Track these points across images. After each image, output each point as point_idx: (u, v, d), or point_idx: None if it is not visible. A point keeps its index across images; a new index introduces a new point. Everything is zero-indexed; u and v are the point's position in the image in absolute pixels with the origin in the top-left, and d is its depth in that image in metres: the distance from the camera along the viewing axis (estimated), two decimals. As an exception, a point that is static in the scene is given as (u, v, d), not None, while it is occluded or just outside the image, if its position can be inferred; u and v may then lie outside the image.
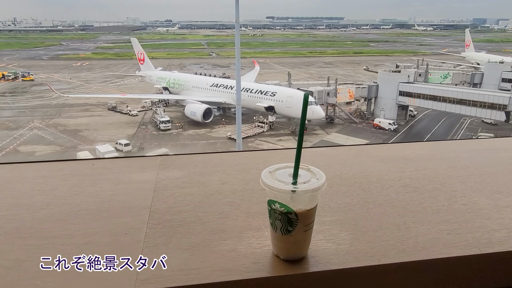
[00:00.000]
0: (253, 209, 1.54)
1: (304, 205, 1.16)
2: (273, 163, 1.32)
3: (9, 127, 49.61)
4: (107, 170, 1.90)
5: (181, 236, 1.36)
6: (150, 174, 1.80)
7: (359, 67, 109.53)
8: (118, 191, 1.68)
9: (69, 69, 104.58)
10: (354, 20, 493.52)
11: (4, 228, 1.40)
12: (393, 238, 1.34)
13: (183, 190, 1.68)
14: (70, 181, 1.77)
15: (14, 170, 1.94)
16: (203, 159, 2.08)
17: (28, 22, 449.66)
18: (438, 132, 49.94)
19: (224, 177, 1.80)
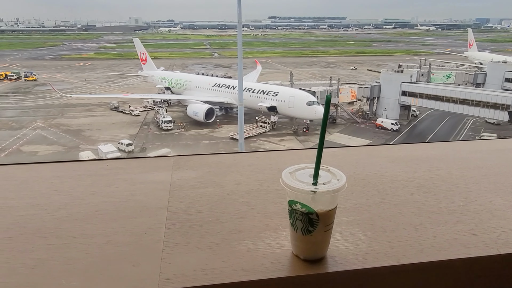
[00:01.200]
0: (270, 209, 1.54)
1: (325, 206, 1.17)
2: (285, 164, 1.31)
3: (12, 127, 49.77)
4: (122, 171, 1.92)
5: (200, 236, 1.36)
6: (165, 175, 1.81)
7: (362, 67, 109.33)
8: (134, 191, 1.68)
9: (71, 69, 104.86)
10: (357, 20, 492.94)
11: (24, 228, 1.41)
12: (411, 239, 1.35)
13: (199, 191, 1.68)
14: (86, 182, 1.78)
15: (30, 170, 1.95)
16: (216, 159, 2.09)
17: (30, 22, 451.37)
18: (441, 132, 49.79)
19: (238, 177, 1.81)
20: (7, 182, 1.80)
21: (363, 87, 55.37)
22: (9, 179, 1.83)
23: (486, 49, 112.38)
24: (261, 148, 42.38)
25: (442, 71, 66.90)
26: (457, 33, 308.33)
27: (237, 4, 29.42)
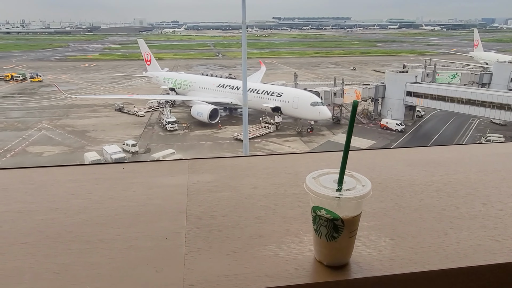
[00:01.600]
0: (289, 213, 1.53)
1: (350, 212, 1.16)
2: (300, 167, 1.32)
3: (18, 128, 50.11)
4: (138, 174, 1.92)
5: (221, 241, 1.35)
6: (181, 178, 1.82)
7: (367, 68, 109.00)
8: (151, 195, 1.69)
9: (76, 70, 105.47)
10: (361, 20, 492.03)
11: (45, 232, 1.41)
12: (434, 244, 1.33)
13: (216, 195, 1.68)
14: (103, 185, 1.79)
15: (47, 173, 1.97)
16: (231, 163, 2.08)
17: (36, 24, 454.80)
18: (446, 133, 49.49)
19: (254, 181, 1.81)
20: (25, 185, 1.80)
21: (368, 88, 55.18)
22: (27, 182, 1.83)
23: (492, 49, 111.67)
24: (266, 149, 42.37)
25: (448, 72, 66.52)
26: (463, 33, 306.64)
27: (241, 5, 29.42)
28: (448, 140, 46.49)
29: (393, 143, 44.99)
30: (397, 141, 45.64)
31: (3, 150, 41.33)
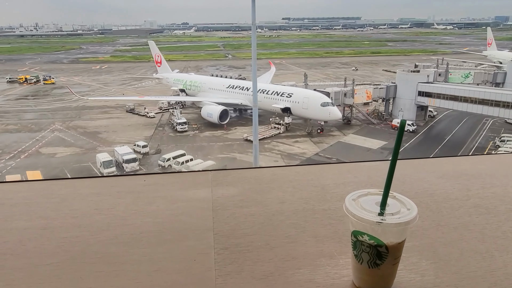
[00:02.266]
0: (320, 232, 1.45)
1: (396, 238, 1.07)
2: (326, 179, 1.30)
3: (32, 129, 50.95)
4: (160, 187, 1.87)
5: (252, 264, 1.28)
6: (205, 191, 1.77)
7: (377, 67, 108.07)
8: (176, 210, 1.64)
9: (88, 72, 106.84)
10: (371, 20, 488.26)
11: (70, 252, 1.36)
12: (480, 269, 1.24)
13: (243, 210, 1.63)
14: (125, 199, 1.75)
15: (69, 186, 1.95)
16: (255, 174, 2.03)
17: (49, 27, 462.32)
18: (459, 133, 48.74)
19: (281, 195, 1.74)
20: (47, 199, 1.77)
21: (379, 88, 54.69)
22: (49, 196, 1.81)
23: (505, 48, 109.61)
24: (276, 150, 42.25)
25: (460, 71, 65.56)
26: (475, 31, 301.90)
27: (251, 6, 29.42)
28: (461, 140, 45.80)
29: (405, 144, 44.48)
30: (409, 142, 45.11)
31: (17, 151, 42.05)
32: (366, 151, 42.38)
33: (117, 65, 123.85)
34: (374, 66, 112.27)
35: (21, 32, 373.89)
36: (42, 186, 1.95)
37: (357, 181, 1.75)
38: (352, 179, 1.51)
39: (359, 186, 1.67)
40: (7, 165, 38.28)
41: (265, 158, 39.39)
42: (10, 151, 42.28)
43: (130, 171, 36.16)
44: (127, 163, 36.26)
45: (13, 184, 1.99)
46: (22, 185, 1.99)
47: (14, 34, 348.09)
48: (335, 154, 41.05)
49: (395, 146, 1.12)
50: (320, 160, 39.55)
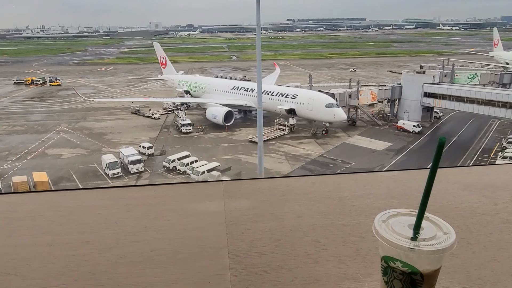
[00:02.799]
0: (341, 251, 1.36)
1: (432, 265, 0.97)
2: (344, 191, 1.24)
3: (38, 131, 51.32)
4: (170, 199, 1.81)
5: (272, 287, 1.20)
6: (217, 204, 1.69)
7: (382, 68, 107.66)
8: (187, 225, 1.57)
9: (94, 74, 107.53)
10: (376, 21, 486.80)
11: (78, 272, 1.29)
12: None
13: (258, 225, 1.54)
14: (134, 212, 1.69)
15: (76, 198, 1.89)
16: (269, 185, 1.94)
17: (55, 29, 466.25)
18: (466, 135, 48.37)
19: (297, 208, 1.66)
20: (54, 212, 1.71)
21: (384, 89, 54.46)
22: (55, 208, 1.75)
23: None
24: (280, 151, 42.19)
25: (466, 72, 65.13)
26: (482, 32, 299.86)
27: (256, 8, 29.41)
28: (467, 142, 45.45)
29: (410, 145, 44.23)
30: (415, 143, 44.85)
31: (24, 153, 42.37)
32: (371, 153, 42.18)
33: (122, 66, 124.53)
34: (379, 67, 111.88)
35: (27, 34, 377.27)
36: (48, 198, 1.89)
37: (376, 192, 1.66)
38: (370, 190, 1.44)
39: (378, 198, 1.58)
40: (14, 166, 38.58)
41: (269, 159, 39.35)
42: (16, 152, 42.61)
43: (135, 172, 36.29)
44: (132, 164, 36.39)
45: (18, 196, 1.93)
46: (28, 196, 1.93)
47: (21, 36, 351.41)
48: (340, 156, 40.91)
49: (433, 166, 1.01)
50: (325, 161, 39.44)
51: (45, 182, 32.87)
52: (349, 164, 38.55)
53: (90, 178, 35.51)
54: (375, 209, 1.23)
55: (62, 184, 34.24)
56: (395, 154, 41.64)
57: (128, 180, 35.16)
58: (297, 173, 36.48)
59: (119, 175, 35.65)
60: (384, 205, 1.53)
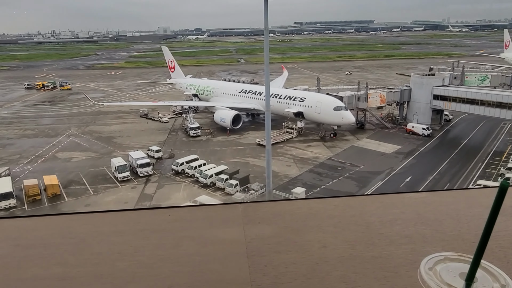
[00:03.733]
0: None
1: None
2: (370, 215, 1.14)
3: (48, 134, 51.94)
4: (187, 224, 1.71)
5: None
6: (236, 230, 1.60)
7: (391, 71, 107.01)
8: (206, 255, 1.47)
9: (103, 78, 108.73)
10: (385, 23, 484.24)
11: None
12: None
13: (281, 256, 1.44)
14: (150, 240, 1.60)
15: (88, 222, 1.81)
16: (289, 208, 1.83)
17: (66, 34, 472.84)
18: (476, 137, 47.73)
19: (321, 236, 1.55)
20: (66, 239, 1.64)
21: (393, 91, 54.05)
22: (67, 235, 1.67)
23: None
24: (288, 154, 42.07)
25: (477, 74, 64.36)
26: (492, 33, 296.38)
27: (263, 11, 29.46)
28: (478, 144, 44.83)
29: (420, 148, 43.78)
30: (424, 146, 44.38)
31: (35, 156, 42.89)
32: (380, 156, 41.84)
33: (131, 70, 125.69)
34: (387, 70, 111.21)
35: (39, 40, 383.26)
36: (60, 222, 1.82)
37: (405, 217, 1.53)
38: (398, 215, 1.33)
39: (407, 224, 1.45)
40: (25, 169, 39.06)
41: (277, 162, 39.26)
42: (28, 155, 43.16)
43: (144, 175, 36.48)
44: (141, 168, 36.59)
45: (30, 220, 1.85)
46: (40, 220, 1.85)
47: (32, 42, 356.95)
48: (348, 159, 40.64)
49: (492, 211, 0.92)
50: (333, 164, 39.22)
51: (56, 185, 33.23)
52: (358, 167, 38.27)
53: (99, 181, 35.79)
54: (406, 238, 1.12)
55: (72, 187, 34.58)
56: (404, 157, 41.24)
57: (136, 184, 35.36)
58: (306, 176, 36.35)
59: (128, 178, 35.88)
60: (415, 233, 1.39)
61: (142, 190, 34.19)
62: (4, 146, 47.23)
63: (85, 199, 32.51)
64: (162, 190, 34.11)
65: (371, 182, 34.82)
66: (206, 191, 33.59)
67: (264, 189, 32.33)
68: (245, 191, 32.37)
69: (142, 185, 35.11)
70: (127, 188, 34.60)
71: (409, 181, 34.95)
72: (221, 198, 31.96)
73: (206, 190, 33.70)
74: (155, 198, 32.55)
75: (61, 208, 30.96)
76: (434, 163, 39.19)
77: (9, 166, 38.79)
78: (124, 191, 34.02)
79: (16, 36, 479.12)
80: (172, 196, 32.93)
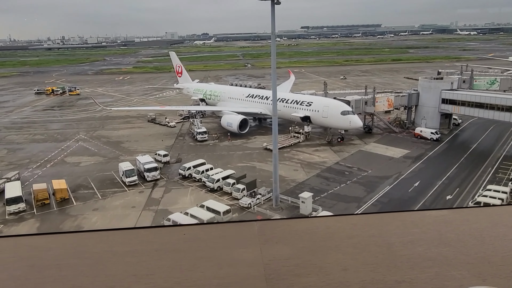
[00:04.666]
0: None
1: None
2: (390, 235, 1.10)
3: (57, 139, 52.47)
4: (203, 244, 1.67)
5: None
6: (253, 251, 1.55)
7: (398, 75, 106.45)
8: (224, 278, 1.42)
9: (111, 83, 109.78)
10: (392, 27, 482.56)
11: None
12: None
13: (301, 280, 1.38)
14: (165, 261, 1.57)
15: (102, 241, 1.78)
16: (306, 226, 1.79)
17: (75, 39, 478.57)
18: (486, 142, 47.15)
19: (341, 258, 1.49)
20: (80, 259, 1.61)
21: (400, 96, 53.69)
22: (81, 254, 1.65)
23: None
24: (295, 158, 41.94)
25: (486, 77, 63.60)
26: (501, 37, 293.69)
27: (270, 16, 29.58)
28: (487, 149, 44.27)
29: (428, 152, 43.37)
30: (433, 150, 43.95)
31: (44, 161, 43.32)
32: (388, 160, 41.51)
33: (139, 75, 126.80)
34: (395, 74, 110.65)
35: (48, 46, 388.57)
36: (74, 241, 1.80)
37: (426, 238, 1.48)
38: (420, 235, 1.29)
39: (430, 245, 1.39)
40: (34, 173, 39.46)
41: (284, 166, 39.16)
42: (37, 160, 43.61)
43: (151, 180, 36.60)
44: (148, 172, 36.74)
45: (44, 238, 1.82)
46: (54, 239, 1.83)
47: (42, 48, 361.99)
48: (356, 163, 40.38)
49: None
50: (341, 169, 38.99)
51: (64, 190, 33.48)
52: (366, 172, 38.00)
53: (107, 186, 36.00)
54: (429, 261, 1.09)
55: (80, 191, 34.82)
56: (412, 161, 40.87)
57: (144, 188, 35.49)
58: (313, 180, 36.18)
59: (135, 182, 36.04)
60: (438, 255, 1.34)
61: (149, 194, 34.31)
62: (14, 151, 47.81)
63: (93, 203, 32.70)
64: (169, 195, 34.19)
65: (379, 187, 34.53)
66: (213, 195, 33.57)
67: (271, 194, 32.23)
68: (252, 196, 32.29)
69: (150, 190, 35.24)
70: (135, 192, 34.75)
71: (417, 186, 34.59)
72: (227, 202, 31.93)
73: (213, 195, 33.69)
74: (162, 202, 32.63)
75: (69, 212, 31.18)
76: (443, 167, 38.77)
77: (19, 170, 39.24)
78: (131, 195, 34.17)
79: (26, 42, 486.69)
80: (179, 200, 32.98)
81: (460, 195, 32.77)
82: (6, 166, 41.89)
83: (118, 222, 29.23)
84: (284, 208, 30.89)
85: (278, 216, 29.67)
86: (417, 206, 31.09)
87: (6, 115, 70.45)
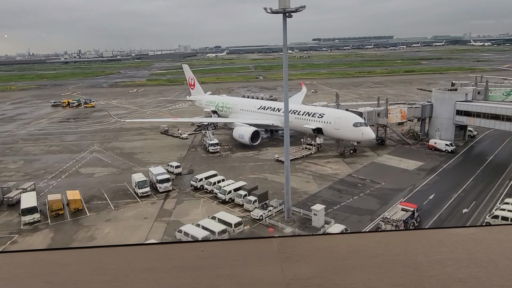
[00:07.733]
0: None
1: None
2: (417, 254, 1.03)
3: (72, 150, 53.37)
4: (221, 261, 1.63)
5: None
6: (273, 269, 1.50)
7: (411, 86, 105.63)
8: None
9: (125, 95, 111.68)
10: (404, 38, 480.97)
11: None
12: None
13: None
14: (184, 279, 1.53)
15: (119, 257, 1.75)
16: (328, 244, 1.72)
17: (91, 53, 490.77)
18: (502, 154, 46.15)
19: (366, 278, 1.42)
20: (98, 277, 1.59)
21: (414, 107, 53.16)
22: (99, 271, 1.62)
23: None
24: (307, 170, 41.67)
25: (501, 88, 62.64)
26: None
27: (282, 28, 29.82)
28: (504, 161, 43.30)
29: (443, 164, 42.61)
30: (448, 162, 43.17)
31: (59, 171, 44.03)
32: (402, 172, 40.90)
33: (152, 88, 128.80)
34: (407, 85, 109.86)
35: (65, 59, 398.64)
36: (92, 257, 1.78)
37: (455, 257, 1.39)
38: (447, 254, 1.22)
39: (459, 266, 1.30)
40: (49, 184, 40.09)
41: (296, 178, 38.93)
42: (52, 171, 44.36)
43: (164, 191, 36.78)
44: (160, 183, 36.96)
45: (61, 253, 1.81)
46: (71, 254, 1.81)
47: (59, 61, 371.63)
48: (369, 175, 39.91)
49: None
50: (353, 181, 38.56)
51: (78, 200, 33.89)
52: (379, 184, 37.49)
53: (120, 197, 36.29)
54: (460, 282, 1.02)
55: (94, 202, 35.17)
56: (427, 174, 40.18)
57: (156, 199, 35.65)
58: (325, 193, 35.82)
59: (148, 193, 36.27)
60: (469, 276, 1.24)
61: (161, 205, 34.44)
62: (30, 162, 48.77)
63: (106, 214, 32.96)
64: (181, 206, 34.26)
65: (392, 199, 33.98)
66: (224, 207, 33.51)
67: (283, 206, 32.00)
68: (264, 208, 32.12)
69: (162, 201, 35.38)
70: (147, 203, 34.94)
71: (432, 198, 33.93)
72: (239, 214, 31.81)
73: (225, 206, 33.63)
74: (174, 213, 32.69)
75: (82, 223, 31.46)
76: (459, 180, 38.01)
77: (35, 181, 39.93)
78: (144, 206, 34.35)
79: (44, 56, 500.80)
80: (191, 212, 33.01)
81: (477, 208, 31.99)
82: (23, 177, 42.71)
83: (130, 233, 29.37)
84: (296, 221, 30.59)
85: (290, 228, 29.42)
86: (432, 219, 30.44)
87: (23, 127, 72.12)
